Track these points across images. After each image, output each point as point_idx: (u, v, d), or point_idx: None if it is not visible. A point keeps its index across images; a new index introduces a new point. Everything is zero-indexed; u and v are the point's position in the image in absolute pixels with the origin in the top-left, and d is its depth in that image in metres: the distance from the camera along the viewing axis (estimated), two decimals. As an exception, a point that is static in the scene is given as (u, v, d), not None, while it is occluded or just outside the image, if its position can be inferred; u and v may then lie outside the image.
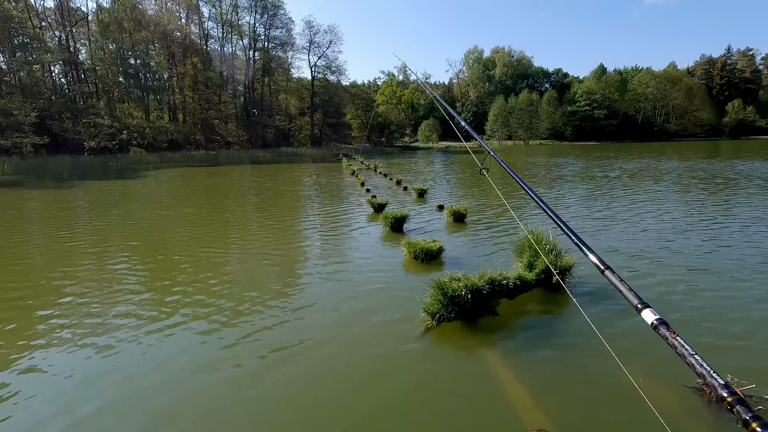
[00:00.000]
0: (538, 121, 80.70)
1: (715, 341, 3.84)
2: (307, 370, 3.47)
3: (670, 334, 1.11)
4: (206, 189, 18.01)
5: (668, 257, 6.38)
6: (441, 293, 4.04)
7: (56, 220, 10.90)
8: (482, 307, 4.14)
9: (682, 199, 12.01)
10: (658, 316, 1.14)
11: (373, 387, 3.26)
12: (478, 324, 4.18)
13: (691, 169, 21.35)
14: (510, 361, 3.55)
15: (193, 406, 3.03)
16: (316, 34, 61.63)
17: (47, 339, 4.12)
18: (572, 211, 10.57)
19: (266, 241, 8.06)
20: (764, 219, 8.96)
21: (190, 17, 54.50)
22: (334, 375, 3.40)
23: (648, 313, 1.17)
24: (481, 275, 4.24)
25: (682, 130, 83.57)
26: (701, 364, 1.03)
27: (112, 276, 6.07)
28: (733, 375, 3.06)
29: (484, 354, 3.70)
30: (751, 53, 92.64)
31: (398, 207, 11.07)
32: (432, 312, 4.06)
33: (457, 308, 4.02)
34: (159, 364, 3.61)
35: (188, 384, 3.31)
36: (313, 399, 3.09)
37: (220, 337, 4.07)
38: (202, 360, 3.66)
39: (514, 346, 3.82)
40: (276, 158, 44.16)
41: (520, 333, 4.05)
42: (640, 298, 1.22)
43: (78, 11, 46.97)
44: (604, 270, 1.39)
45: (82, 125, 39.06)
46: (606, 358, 3.56)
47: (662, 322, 1.13)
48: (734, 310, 4.48)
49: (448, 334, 4.01)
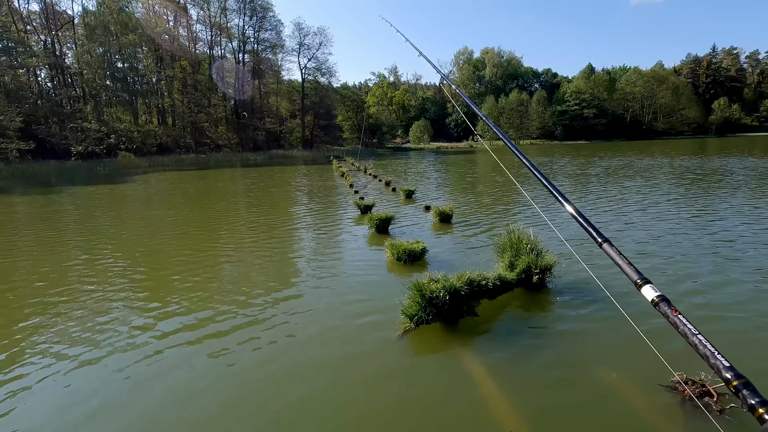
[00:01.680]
0: (528, 120, 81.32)
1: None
2: (280, 372, 3.41)
3: (671, 311, 1.05)
4: (195, 192, 17.84)
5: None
6: (419, 295, 4.00)
7: (44, 224, 10.71)
8: (461, 308, 4.10)
9: (648, 192, 12.13)
10: (659, 293, 1.08)
11: (348, 390, 3.20)
12: (458, 325, 4.14)
13: (666, 165, 21.59)
14: (488, 362, 3.52)
15: (173, 403, 2.96)
16: (305, 36, 61.59)
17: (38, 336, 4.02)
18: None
19: (252, 244, 7.97)
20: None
21: (178, 20, 54.14)
22: (307, 379, 3.34)
23: (648, 289, 1.11)
24: (460, 276, 4.21)
25: (669, 129, 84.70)
26: (705, 344, 0.96)
27: (100, 280, 5.95)
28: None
29: (462, 356, 3.66)
30: (736, 52, 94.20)
31: (386, 208, 11.04)
32: (410, 314, 4.01)
33: (435, 310, 3.98)
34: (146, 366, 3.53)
35: (165, 382, 3.24)
36: (284, 402, 3.03)
37: (198, 339, 4.00)
38: (186, 359, 3.59)
39: (493, 347, 3.79)
40: (267, 161, 43.99)
41: (499, 334, 4.02)
42: (640, 273, 1.15)
43: (63, 14, 46.49)
44: (602, 243, 1.31)
45: (69, 130, 38.62)
46: (586, 358, 3.56)
47: (663, 299, 1.07)
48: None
49: (426, 337, 3.97)
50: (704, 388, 2.81)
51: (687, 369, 3.02)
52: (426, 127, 77.94)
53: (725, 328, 4.00)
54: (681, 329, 1.01)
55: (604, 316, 4.25)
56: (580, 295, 4.82)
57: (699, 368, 3.02)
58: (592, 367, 3.41)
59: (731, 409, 2.70)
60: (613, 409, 2.91)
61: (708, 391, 2.78)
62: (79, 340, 4.15)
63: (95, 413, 3.00)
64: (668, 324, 1.10)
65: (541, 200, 11.84)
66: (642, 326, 4.03)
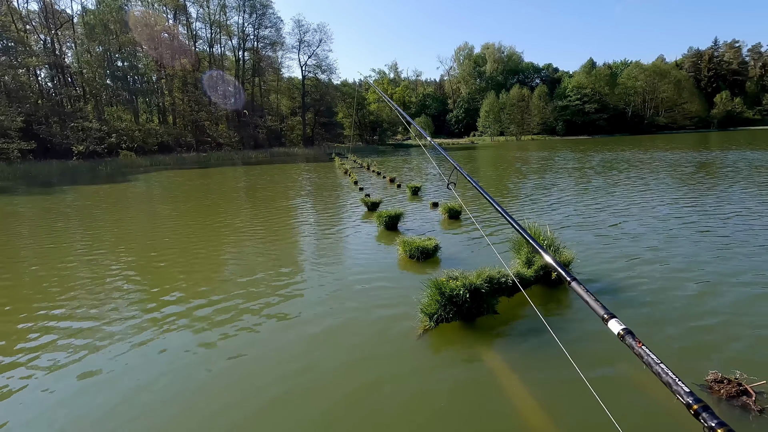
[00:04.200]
0: (529, 116, 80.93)
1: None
2: (299, 373, 3.33)
3: (636, 343, 1.11)
4: (198, 191, 17.76)
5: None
6: (438, 293, 3.92)
7: (48, 224, 10.64)
8: (481, 306, 4.02)
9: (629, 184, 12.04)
10: (624, 326, 1.15)
11: (370, 391, 3.13)
12: (477, 324, 4.07)
13: (656, 159, 21.46)
14: (510, 360, 3.45)
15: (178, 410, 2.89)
16: (305, 33, 61.27)
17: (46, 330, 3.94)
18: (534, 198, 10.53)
19: (259, 242, 7.90)
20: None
21: (177, 18, 53.92)
22: (327, 379, 3.27)
23: (614, 323, 1.18)
24: (479, 273, 4.12)
25: (671, 123, 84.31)
26: (666, 372, 1.04)
27: (104, 279, 5.87)
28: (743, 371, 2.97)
29: (483, 354, 3.58)
30: (738, 45, 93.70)
31: (392, 205, 10.96)
32: (429, 313, 3.94)
33: (455, 308, 3.90)
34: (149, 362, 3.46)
35: (174, 382, 3.17)
36: (304, 403, 2.96)
37: (210, 337, 3.92)
38: (194, 358, 3.52)
39: (514, 345, 3.71)
40: (268, 159, 43.85)
41: (519, 332, 3.94)
42: (605, 308, 1.23)
43: (63, 14, 46.26)
44: (570, 281, 1.38)
45: (70, 129, 38.45)
46: (612, 355, 3.47)
47: (628, 332, 1.14)
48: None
49: (446, 335, 3.89)
50: (741, 387, 2.73)
51: (720, 367, 2.94)
52: (427, 124, 77.72)
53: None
54: (645, 359, 1.08)
55: (629, 312, 4.17)
56: (602, 291, 4.73)
57: (734, 366, 2.94)
58: (619, 365, 3.33)
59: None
60: (643, 409, 2.83)
61: (745, 390, 2.70)
62: (84, 334, 4.08)
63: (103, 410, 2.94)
64: (706, 320, 1.17)
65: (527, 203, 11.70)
66: (680, 322, 3.96)
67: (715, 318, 4.06)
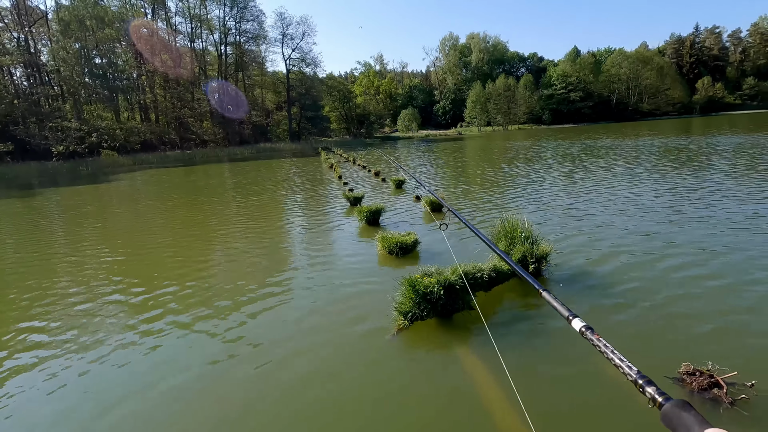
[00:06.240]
0: (515, 106, 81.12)
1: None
2: (267, 374, 3.23)
3: (595, 337, 1.24)
4: (182, 189, 17.44)
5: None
6: (412, 291, 3.84)
7: (30, 228, 10.33)
8: (456, 302, 3.95)
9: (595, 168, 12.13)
10: (585, 323, 1.30)
11: (344, 394, 3.04)
12: (454, 320, 4.00)
13: (619, 146, 21.68)
14: (485, 357, 3.38)
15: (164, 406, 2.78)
16: (288, 26, 60.55)
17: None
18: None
19: (240, 241, 7.74)
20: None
21: (156, 13, 52.75)
22: (296, 380, 3.17)
23: (576, 321, 1.32)
24: (454, 269, 4.04)
25: (655, 110, 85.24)
26: (620, 357, 1.17)
27: (90, 283, 5.69)
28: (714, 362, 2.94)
29: (458, 352, 3.52)
30: (718, 31, 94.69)
31: (376, 199, 10.86)
32: (404, 311, 3.85)
33: (429, 305, 3.82)
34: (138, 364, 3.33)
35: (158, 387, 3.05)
36: (274, 407, 2.86)
37: (188, 339, 3.80)
38: (174, 361, 3.39)
39: (490, 341, 3.65)
40: (254, 154, 43.38)
41: (496, 327, 3.89)
42: (570, 310, 1.39)
43: (36, 10, 44.95)
44: (542, 292, 1.56)
45: (49, 129, 37.55)
46: (587, 350, 3.43)
47: (588, 328, 1.28)
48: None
49: (421, 333, 3.82)
50: (712, 379, 2.69)
51: (692, 359, 2.91)
52: (414, 116, 77.52)
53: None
54: (602, 349, 1.22)
55: (602, 304, 4.14)
56: (577, 283, 4.70)
57: (706, 357, 2.91)
58: (593, 360, 3.28)
59: (741, 400, 2.59)
60: (617, 404, 2.79)
61: (717, 382, 2.67)
62: (74, 340, 3.93)
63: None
64: (674, 312, 1.19)
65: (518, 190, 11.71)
66: (645, 315, 3.94)
67: (689, 309, 4.05)
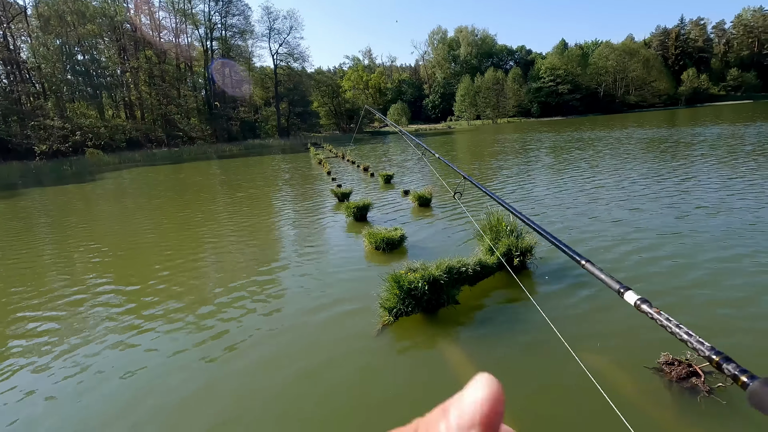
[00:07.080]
0: (504, 99, 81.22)
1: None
2: (254, 372, 3.21)
3: (653, 310, 1.16)
4: (169, 188, 17.21)
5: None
6: (397, 286, 3.83)
7: (13, 230, 10.13)
8: (441, 297, 3.96)
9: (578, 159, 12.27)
10: (639, 296, 1.21)
11: (327, 389, 3.03)
12: (439, 315, 4.01)
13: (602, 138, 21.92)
14: (469, 351, 3.40)
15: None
16: (275, 21, 59.88)
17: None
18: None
19: (227, 238, 7.67)
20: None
21: (139, 7, 51.74)
22: (279, 381, 3.15)
23: (630, 294, 1.23)
24: (439, 264, 4.04)
25: (641, 101, 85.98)
26: (687, 331, 1.05)
27: (79, 285, 5.59)
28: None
29: (443, 347, 3.53)
30: (703, 22, 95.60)
31: (364, 195, 10.83)
32: (389, 307, 3.85)
33: (414, 301, 3.82)
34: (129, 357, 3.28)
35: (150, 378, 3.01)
36: (260, 403, 2.85)
37: (175, 332, 3.76)
38: (170, 351, 3.35)
39: (474, 335, 3.67)
40: (243, 151, 42.95)
41: (481, 321, 3.90)
42: (620, 282, 1.29)
43: (14, 5, 43.79)
44: (584, 263, 1.42)
45: (31, 128, 36.75)
46: (570, 341, 3.46)
47: (644, 301, 1.19)
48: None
49: (406, 329, 3.82)
50: (691, 368, 2.73)
51: (672, 349, 2.95)
52: (404, 110, 77.29)
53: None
54: (663, 323, 1.11)
55: (586, 297, 4.17)
56: (561, 276, 4.73)
57: (684, 348, 2.94)
58: (576, 350, 3.31)
59: (719, 389, 2.63)
60: (599, 394, 2.82)
61: (695, 371, 2.71)
62: (68, 339, 3.86)
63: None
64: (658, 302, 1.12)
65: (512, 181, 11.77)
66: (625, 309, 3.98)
67: (673, 299, 4.10)
